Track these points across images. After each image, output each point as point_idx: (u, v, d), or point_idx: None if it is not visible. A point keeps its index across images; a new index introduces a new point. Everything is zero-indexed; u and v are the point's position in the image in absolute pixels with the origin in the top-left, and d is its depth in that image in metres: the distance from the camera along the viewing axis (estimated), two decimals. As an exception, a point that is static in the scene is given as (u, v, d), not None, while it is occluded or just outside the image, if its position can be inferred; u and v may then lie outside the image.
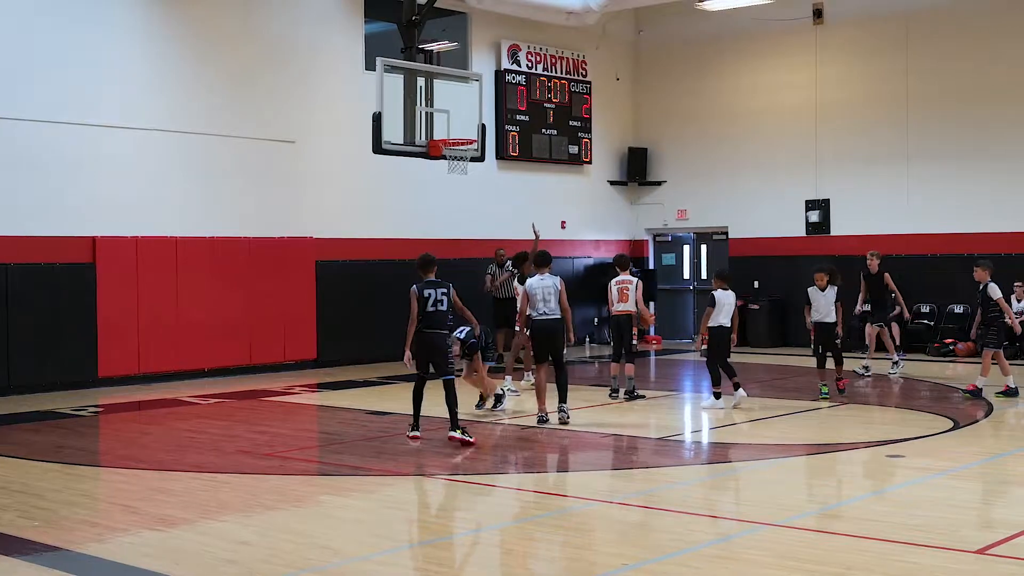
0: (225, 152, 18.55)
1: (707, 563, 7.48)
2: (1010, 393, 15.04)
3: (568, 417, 13.22)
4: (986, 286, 15.04)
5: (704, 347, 14.68)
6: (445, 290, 12.14)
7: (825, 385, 15.24)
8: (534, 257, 13.99)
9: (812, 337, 15.42)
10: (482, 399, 14.18)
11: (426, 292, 12.02)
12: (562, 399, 13.35)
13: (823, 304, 15.18)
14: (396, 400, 14.89)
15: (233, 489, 10.07)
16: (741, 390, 14.47)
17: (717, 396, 14.36)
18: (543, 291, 13.31)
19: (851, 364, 17.11)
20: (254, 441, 12.51)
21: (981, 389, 15.02)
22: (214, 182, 18.44)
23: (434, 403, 12.95)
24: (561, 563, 7.60)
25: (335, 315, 19.59)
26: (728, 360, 14.56)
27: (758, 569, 7.30)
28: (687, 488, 10.17)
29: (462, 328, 13.15)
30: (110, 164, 17.24)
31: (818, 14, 22.92)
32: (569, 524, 8.83)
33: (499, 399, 14.16)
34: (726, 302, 14.49)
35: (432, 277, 12.20)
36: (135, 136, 17.52)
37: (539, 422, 13.24)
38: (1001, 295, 15.08)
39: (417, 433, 12.38)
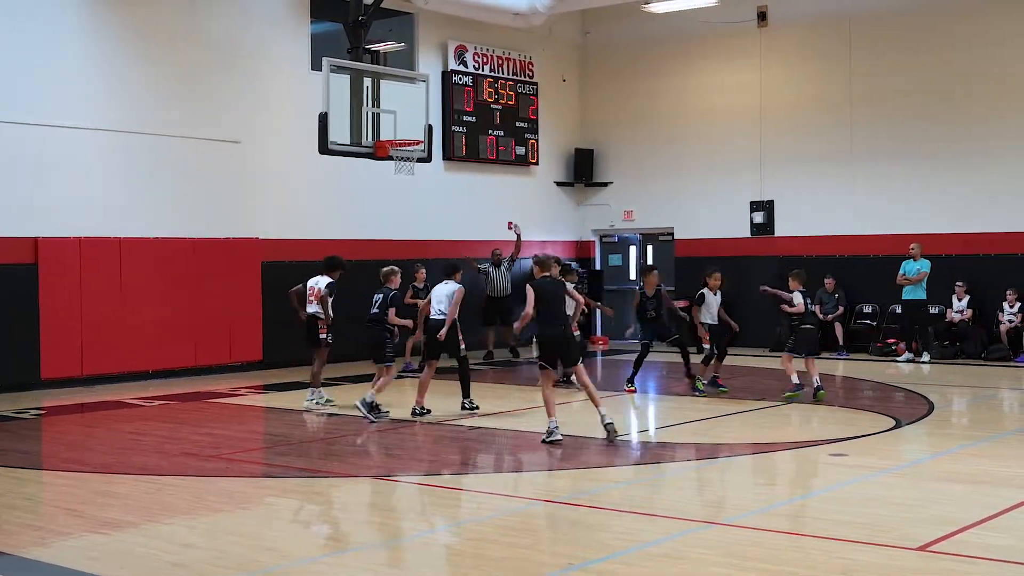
0: (170, 152, 18.40)
1: (653, 562, 7.53)
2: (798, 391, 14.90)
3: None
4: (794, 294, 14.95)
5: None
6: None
7: (703, 381, 15.74)
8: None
9: (707, 337, 15.66)
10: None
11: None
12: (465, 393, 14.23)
13: (715, 306, 15.54)
14: (343, 401, 14.84)
15: (179, 492, 10.00)
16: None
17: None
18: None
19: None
20: (199, 443, 12.42)
21: (806, 387, 14.91)
22: (159, 182, 18.29)
23: (381, 404, 12.91)
24: (508, 563, 7.62)
25: (281, 316, 19.38)
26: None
27: (704, 568, 7.36)
28: (633, 488, 10.23)
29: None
30: (53, 164, 17.05)
31: (762, 17, 23.12)
32: (516, 524, 8.85)
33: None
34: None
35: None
36: (79, 136, 17.33)
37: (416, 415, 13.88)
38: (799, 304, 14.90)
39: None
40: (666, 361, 19.25)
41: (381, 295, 14.01)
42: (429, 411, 13.89)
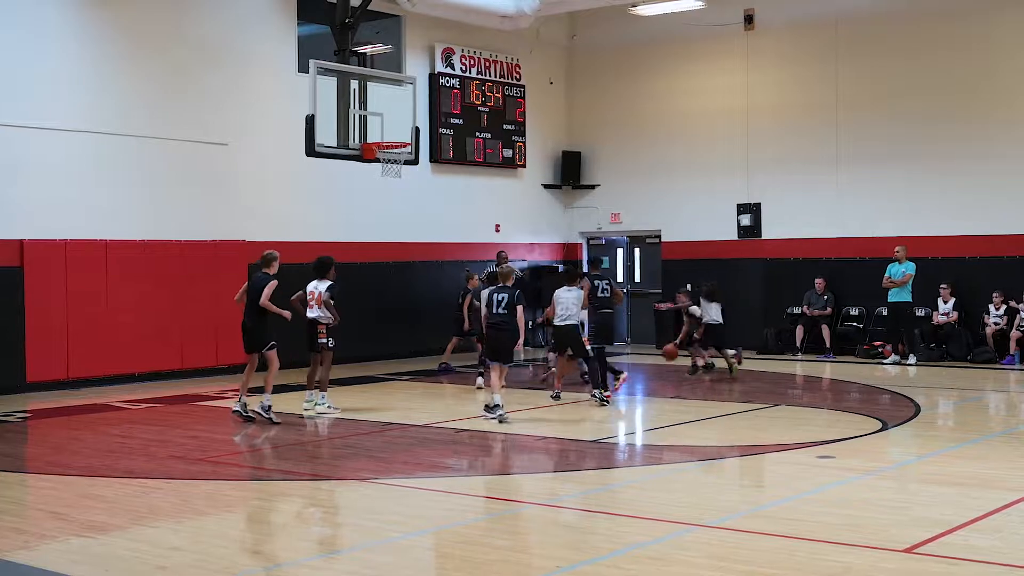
0: (157, 154, 18.36)
1: (641, 565, 7.52)
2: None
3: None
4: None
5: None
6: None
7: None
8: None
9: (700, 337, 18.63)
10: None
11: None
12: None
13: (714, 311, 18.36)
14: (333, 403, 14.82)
15: (164, 495, 9.97)
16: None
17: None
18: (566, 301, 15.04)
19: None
20: (185, 446, 12.39)
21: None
22: (145, 184, 18.23)
23: (368, 407, 12.89)
24: (496, 565, 7.61)
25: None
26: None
27: (691, 570, 7.36)
28: (621, 490, 10.23)
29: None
30: (39, 166, 16.99)
31: (749, 20, 23.16)
32: (504, 527, 8.85)
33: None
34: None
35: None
36: (65, 138, 17.28)
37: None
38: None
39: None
40: (653, 364, 19.27)
41: (505, 295, 13.80)
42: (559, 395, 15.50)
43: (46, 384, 16.94)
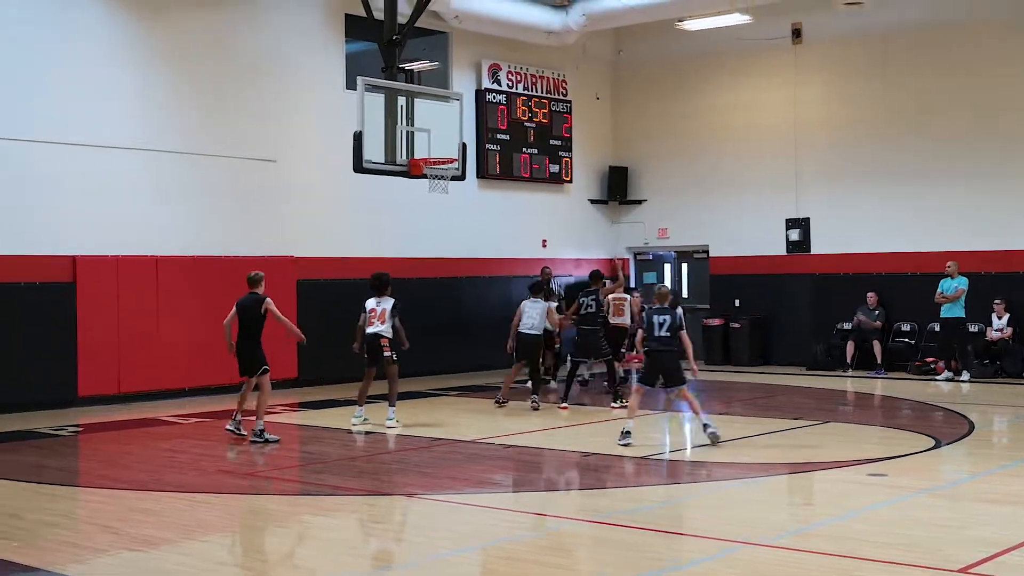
0: (206, 171, 18.52)
1: (690, 582, 7.48)
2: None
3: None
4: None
5: None
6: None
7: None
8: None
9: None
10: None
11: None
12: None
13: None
14: (377, 419, 14.85)
15: (213, 509, 10.02)
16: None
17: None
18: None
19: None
20: (235, 461, 12.46)
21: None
22: (195, 201, 18.40)
23: (417, 422, 12.87)
24: (544, 583, 7.59)
25: (316, 333, 19.42)
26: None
27: (741, 588, 7.30)
28: (668, 507, 10.17)
29: None
30: (90, 183, 17.18)
31: (797, 34, 23.04)
32: (550, 543, 8.81)
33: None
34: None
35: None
36: (115, 155, 17.46)
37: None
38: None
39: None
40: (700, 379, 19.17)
41: (667, 317, 12.97)
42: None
43: (97, 399, 17.10)
